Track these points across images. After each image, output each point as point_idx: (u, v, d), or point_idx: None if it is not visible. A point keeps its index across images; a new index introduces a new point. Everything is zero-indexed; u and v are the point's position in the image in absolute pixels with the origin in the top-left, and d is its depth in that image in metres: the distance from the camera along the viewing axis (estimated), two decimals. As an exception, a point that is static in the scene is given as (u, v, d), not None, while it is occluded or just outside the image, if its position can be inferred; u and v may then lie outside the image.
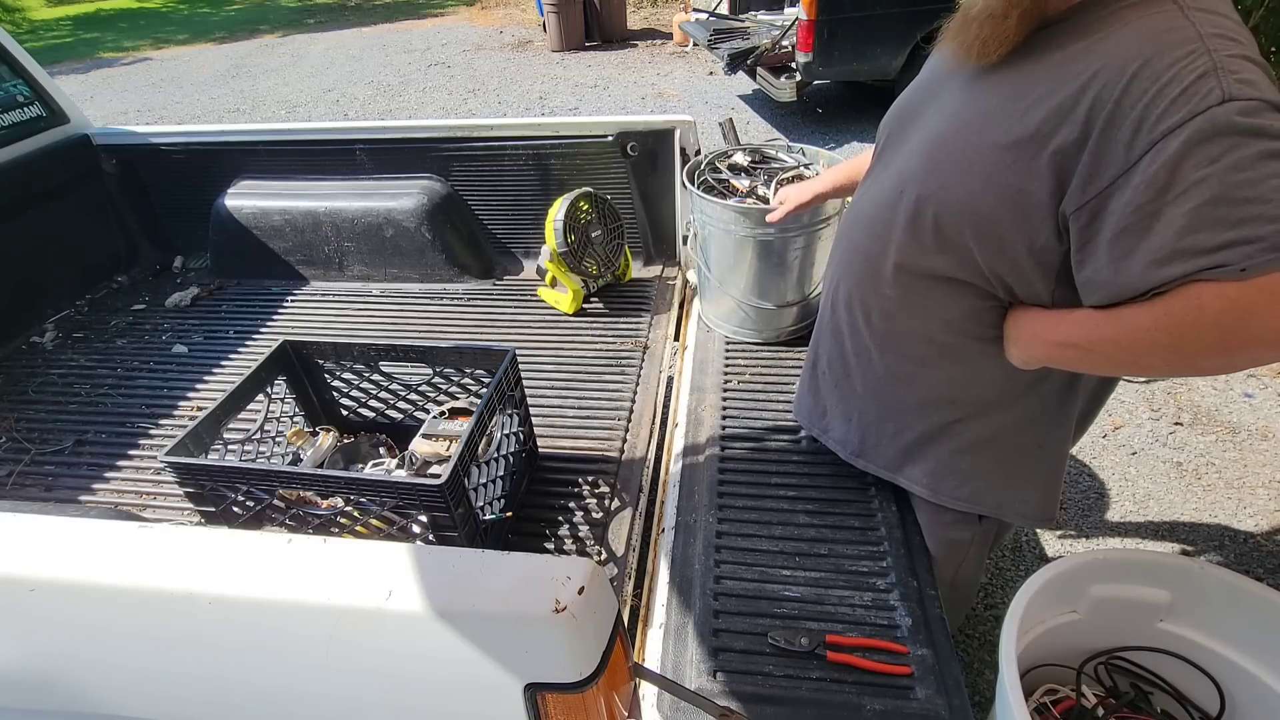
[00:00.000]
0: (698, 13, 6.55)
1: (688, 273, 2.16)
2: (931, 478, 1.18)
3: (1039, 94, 0.81)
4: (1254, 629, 1.30)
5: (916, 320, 1.05)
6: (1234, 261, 0.69)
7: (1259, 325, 0.71)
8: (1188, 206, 0.71)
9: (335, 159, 2.29)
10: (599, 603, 0.72)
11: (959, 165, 0.89)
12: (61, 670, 0.86)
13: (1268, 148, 0.68)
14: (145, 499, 1.54)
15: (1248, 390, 2.60)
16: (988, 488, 1.15)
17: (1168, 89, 0.71)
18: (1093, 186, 0.77)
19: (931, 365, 1.08)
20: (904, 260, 1.00)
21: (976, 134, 0.88)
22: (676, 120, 2.02)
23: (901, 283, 1.03)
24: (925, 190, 0.94)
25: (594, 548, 1.31)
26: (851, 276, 1.12)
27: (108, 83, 8.55)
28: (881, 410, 1.19)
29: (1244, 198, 0.68)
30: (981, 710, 1.66)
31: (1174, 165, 0.71)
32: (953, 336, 1.03)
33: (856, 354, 1.17)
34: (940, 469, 1.17)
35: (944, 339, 1.04)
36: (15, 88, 2.21)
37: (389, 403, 1.55)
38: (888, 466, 1.24)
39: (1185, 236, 0.71)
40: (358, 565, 0.76)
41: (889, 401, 1.17)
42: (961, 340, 1.03)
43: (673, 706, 0.99)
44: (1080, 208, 0.79)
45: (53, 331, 2.18)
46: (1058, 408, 1.08)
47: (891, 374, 1.13)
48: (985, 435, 1.11)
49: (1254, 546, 2.05)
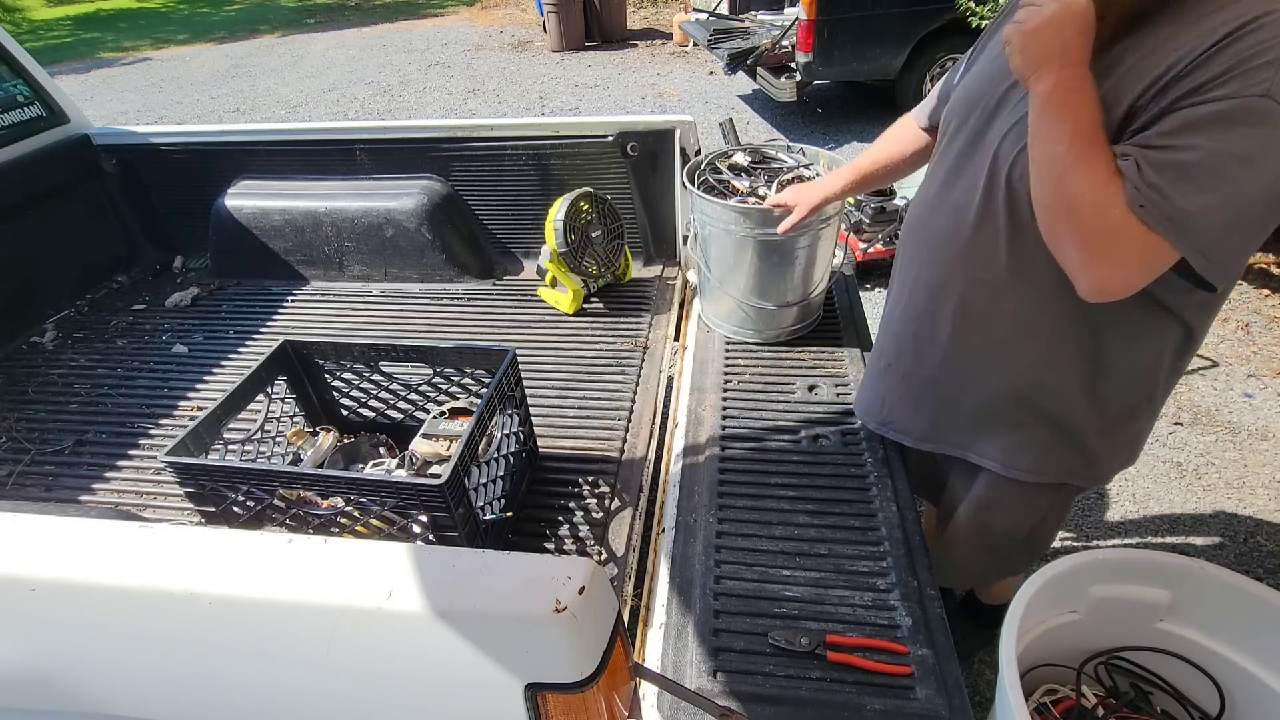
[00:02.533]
0: (698, 13, 6.55)
1: (688, 273, 2.16)
2: (1005, 453, 1.22)
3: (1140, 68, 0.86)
4: (1254, 629, 1.30)
5: (1012, 301, 1.08)
6: (1141, 201, 0.82)
7: (1115, 249, 0.85)
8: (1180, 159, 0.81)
9: (335, 159, 2.29)
10: (599, 603, 0.72)
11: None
12: (62, 670, 0.86)
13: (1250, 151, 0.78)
14: (145, 499, 1.54)
15: (1248, 390, 2.60)
16: (1050, 451, 1.19)
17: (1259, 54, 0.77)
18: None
19: (1018, 348, 1.11)
20: (1006, 241, 1.03)
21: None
22: (676, 120, 2.02)
23: (1004, 263, 1.05)
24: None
25: (594, 548, 1.31)
26: (938, 264, 1.14)
27: (108, 83, 8.55)
28: (958, 394, 1.22)
29: (1201, 174, 0.79)
30: (981, 710, 1.66)
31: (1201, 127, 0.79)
32: (1047, 316, 1.06)
33: (935, 341, 1.20)
34: (1016, 444, 1.20)
35: (1038, 318, 1.07)
36: (15, 88, 2.21)
37: (389, 403, 1.55)
38: (960, 445, 1.27)
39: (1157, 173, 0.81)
40: (358, 565, 0.76)
41: (968, 385, 1.20)
42: (1052, 320, 1.06)
43: (673, 706, 0.99)
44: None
45: (53, 331, 2.18)
46: (1135, 390, 1.11)
47: (976, 358, 1.16)
48: (1062, 413, 1.14)
49: (1254, 546, 2.05)
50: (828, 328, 1.82)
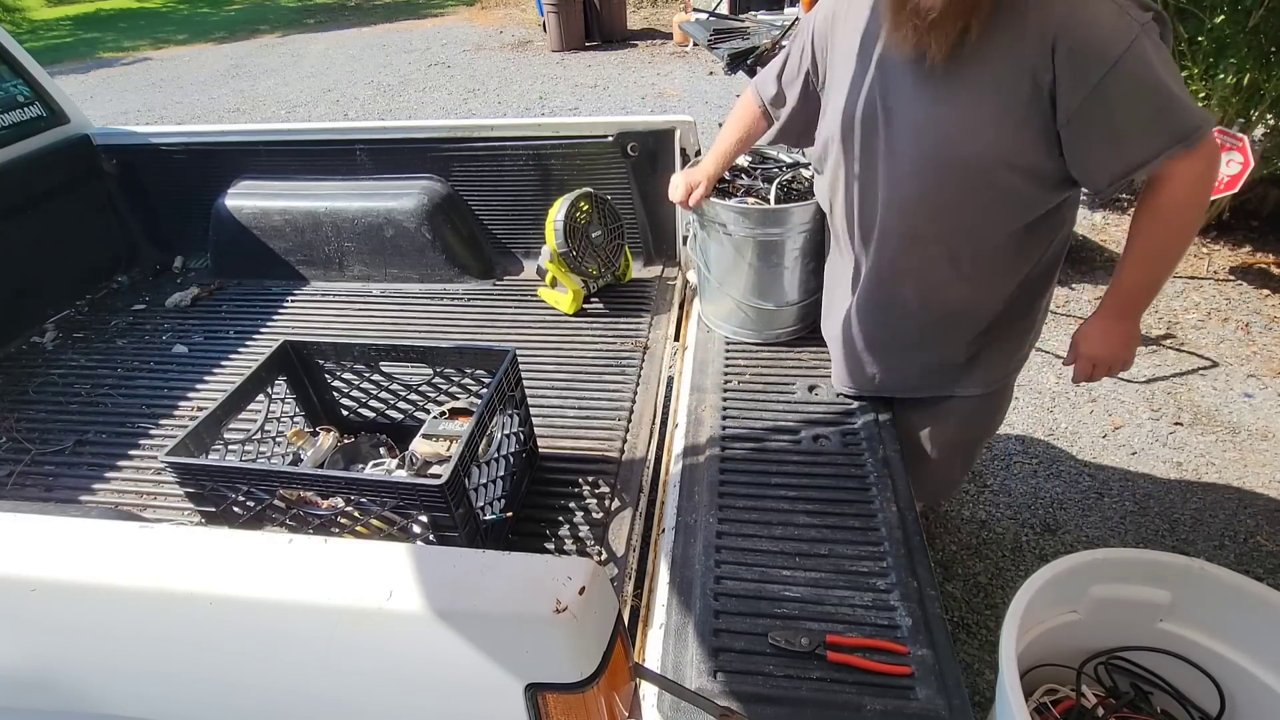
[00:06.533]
0: (698, 13, 6.55)
1: (688, 273, 2.16)
2: (981, 378, 1.44)
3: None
4: (1254, 629, 1.30)
5: (995, 258, 1.28)
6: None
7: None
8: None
9: (335, 159, 2.29)
10: (599, 603, 0.72)
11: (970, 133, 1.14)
12: (62, 670, 0.86)
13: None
14: (146, 499, 1.54)
15: (1248, 390, 2.60)
16: (1004, 362, 1.45)
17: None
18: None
19: (984, 288, 1.32)
20: (960, 211, 1.22)
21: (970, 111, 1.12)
22: (676, 120, 2.02)
23: (971, 231, 1.24)
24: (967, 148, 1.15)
25: (594, 548, 1.31)
26: (901, 246, 1.31)
27: (108, 83, 8.55)
28: (936, 343, 1.41)
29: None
30: (981, 710, 1.67)
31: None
32: (1001, 257, 1.27)
33: (906, 313, 1.38)
34: (986, 368, 1.43)
35: (995, 262, 1.28)
36: (15, 88, 2.21)
37: (389, 403, 1.55)
38: (942, 387, 1.47)
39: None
40: (358, 565, 0.76)
41: (944, 334, 1.39)
42: (1004, 259, 1.28)
43: (673, 706, 0.99)
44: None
45: (53, 331, 2.18)
46: (1042, 291, 1.38)
47: (949, 312, 1.36)
48: (1005, 328, 1.39)
49: (1254, 546, 2.05)
50: (828, 328, 1.82)
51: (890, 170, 1.24)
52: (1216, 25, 2.85)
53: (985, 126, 1.11)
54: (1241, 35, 2.79)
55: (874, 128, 1.23)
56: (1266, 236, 3.45)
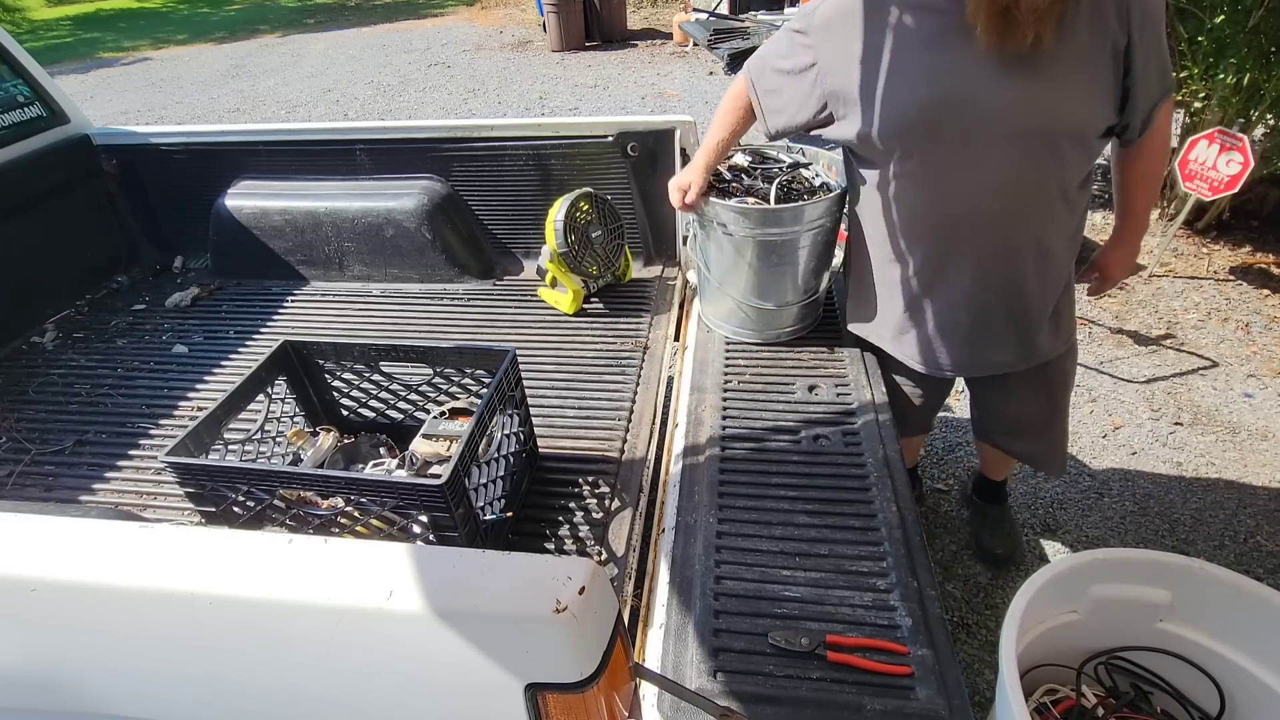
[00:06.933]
0: (698, 13, 6.56)
1: (688, 273, 2.16)
2: (1065, 335, 1.54)
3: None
4: (1254, 629, 1.30)
5: (1072, 216, 1.39)
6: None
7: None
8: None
9: (335, 159, 2.29)
10: (599, 603, 0.72)
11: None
12: (62, 670, 0.86)
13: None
14: (146, 499, 1.54)
15: (1248, 390, 2.61)
16: (1073, 315, 1.55)
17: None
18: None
19: (1072, 245, 1.44)
20: (1058, 179, 1.31)
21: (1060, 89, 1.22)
22: (676, 120, 2.02)
23: (1063, 196, 1.33)
24: (1060, 124, 1.25)
25: (594, 548, 1.31)
26: (1010, 225, 1.36)
27: (107, 83, 8.55)
28: (1040, 308, 1.47)
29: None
30: (981, 710, 1.67)
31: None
32: (1077, 210, 1.40)
33: (1025, 281, 1.42)
34: (1066, 323, 1.53)
35: (1075, 215, 1.40)
36: (15, 88, 2.21)
37: (389, 403, 1.55)
38: (1046, 352, 1.52)
39: None
40: (358, 565, 0.76)
41: (1046, 298, 1.46)
42: (1078, 211, 1.40)
43: (673, 706, 0.98)
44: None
45: (53, 331, 2.18)
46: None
47: (1054, 276, 1.44)
48: (1070, 280, 1.49)
49: (1254, 546, 2.05)
50: (828, 328, 1.82)
51: (988, 156, 1.28)
52: (1216, 25, 2.86)
53: (1082, 96, 1.23)
54: (1241, 35, 2.79)
55: (961, 117, 1.26)
56: (1266, 236, 3.46)
